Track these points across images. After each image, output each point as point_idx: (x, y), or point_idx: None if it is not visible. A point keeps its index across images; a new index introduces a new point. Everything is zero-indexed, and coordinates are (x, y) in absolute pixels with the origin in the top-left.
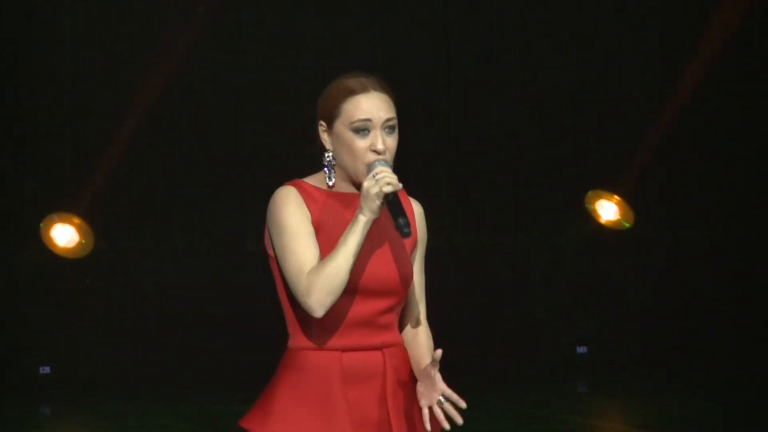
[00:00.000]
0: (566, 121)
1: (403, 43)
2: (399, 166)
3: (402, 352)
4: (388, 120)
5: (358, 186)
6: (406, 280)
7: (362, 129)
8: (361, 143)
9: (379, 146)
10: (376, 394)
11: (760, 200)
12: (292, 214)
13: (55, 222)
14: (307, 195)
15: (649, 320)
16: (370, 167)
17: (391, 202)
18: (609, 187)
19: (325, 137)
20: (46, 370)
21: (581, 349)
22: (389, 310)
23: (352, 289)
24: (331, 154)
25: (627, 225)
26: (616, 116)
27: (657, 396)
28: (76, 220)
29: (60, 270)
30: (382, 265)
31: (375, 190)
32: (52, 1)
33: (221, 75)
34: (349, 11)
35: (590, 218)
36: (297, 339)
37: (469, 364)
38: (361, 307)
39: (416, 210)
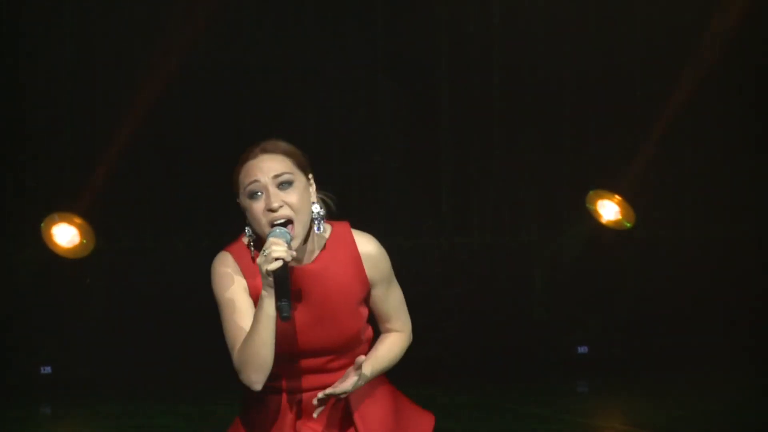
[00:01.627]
0: (567, 120)
1: (403, 42)
2: (399, 166)
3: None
4: (276, 176)
5: None
6: (350, 337)
7: (254, 192)
8: (257, 206)
9: (273, 204)
10: (338, 411)
11: (761, 200)
12: (225, 288)
13: (55, 222)
14: (242, 260)
15: (649, 320)
16: (269, 233)
17: (277, 279)
18: (610, 186)
19: (242, 209)
20: (47, 370)
21: (582, 349)
22: (340, 357)
23: (289, 355)
24: (248, 228)
25: (628, 225)
26: (618, 116)
27: (658, 396)
28: (77, 220)
29: (61, 270)
30: (321, 330)
31: (265, 266)
32: (53, 1)
33: (222, 74)
34: (350, 11)
35: (591, 218)
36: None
37: (469, 363)
38: (308, 362)
39: (365, 249)
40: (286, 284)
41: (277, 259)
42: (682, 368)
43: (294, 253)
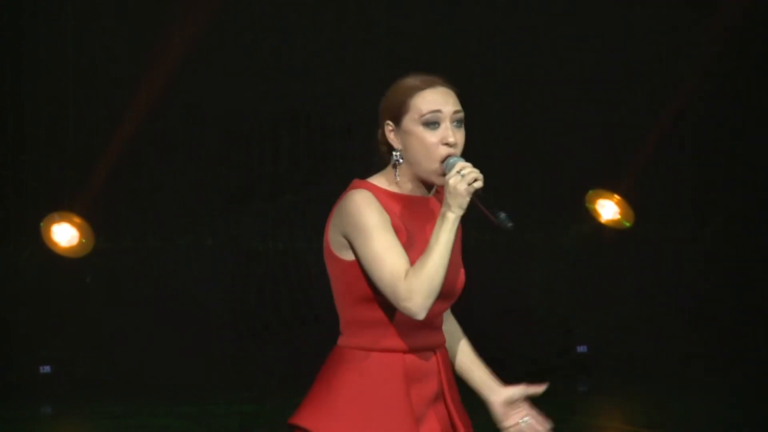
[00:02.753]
0: (566, 120)
1: (406, 41)
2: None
3: (446, 351)
4: (456, 112)
5: (426, 185)
6: (462, 285)
7: (432, 122)
8: (432, 137)
9: (451, 139)
10: (433, 393)
11: (760, 199)
12: (375, 218)
13: (55, 221)
14: (380, 198)
15: (649, 319)
16: (446, 164)
17: (481, 197)
18: (609, 186)
19: (392, 137)
20: (47, 369)
21: (582, 348)
22: (443, 311)
23: None
24: (398, 153)
25: (627, 224)
26: (617, 115)
27: (658, 395)
28: (77, 220)
29: (60, 269)
30: (450, 270)
31: (463, 186)
32: (53, 1)
33: (223, 73)
34: (352, 10)
35: (590, 217)
36: (356, 338)
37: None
38: (430, 309)
39: None
40: (492, 200)
41: (476, 179)
42: (681, 367)
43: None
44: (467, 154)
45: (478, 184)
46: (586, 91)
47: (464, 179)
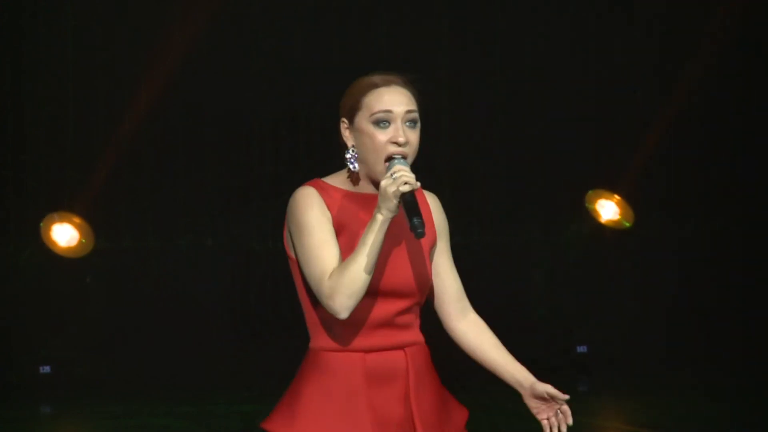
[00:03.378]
0: (566, 120)
1: (404, 43)
2: None
3: (423, 350)
4: (408, 112)
5: (376, 184)
6: (424, 280)
7: (383, 120)
8: (381, 135)
9: (400, 138)
10: (398, 394)
11: (761, 199)
12: (312, 216)
13: (55, 221)
14: (327, 195)
15: (648, 319)
16: (388, 165)
17: (407, 201)
18: (609, 186)
19: (347, 134)
20: (46, 369)
21: (581, 348)
22: (407, 310)
23: (370, 291)
24: (352, 149)
25: (627, 224)
26: (617, 115)
27: (658, 395)
28: (77, 220)
29: (60, 269)
30: (399, 267)
31: (392, 189)
32: (53, 1)
33: (223, 73)
34: (351, 11)
35: (590, 218)
36: (319, 340)
37: (468, 363)
38: (381, 309)
39: (432, 203)
40: (416, 206)
41: (406, 183)
42: (681, 367)
43: (419, 184)
44: (467, 153)
45: (406, 188)
46: (586, 91)
47: (395, 182)
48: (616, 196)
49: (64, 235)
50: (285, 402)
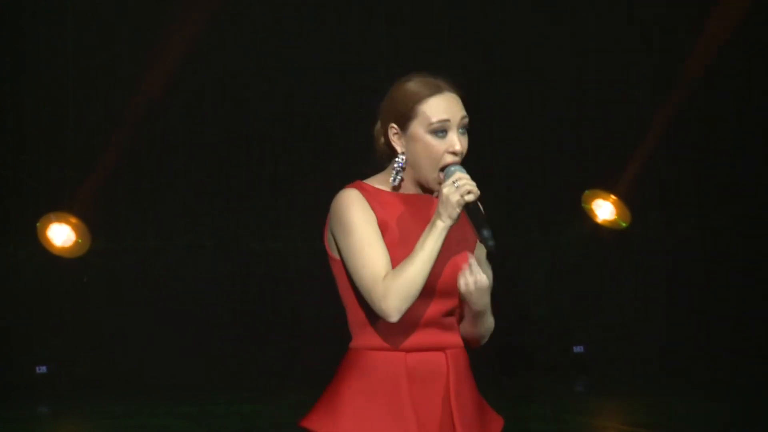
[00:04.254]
0: (563, 121)
1: (402, 43)
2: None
3: (463, 354)
4: (463, 119)
5: (423, 188)
6: None
7: (441, 130)
8: (439, 145)
9: (457, 147)
10: (438, 395)
11: (757, 199)
12: (359, 217)
13: (51, 221)
14: (371, 196)
15: (645, 319)
16: (446, 172)
17: (471, 210)
18: (606, 186)
19: (395, 140)
20: (43, 369)
21: (578, 349)
22: (451, 311)
23: (425, 291)
24: (403, 157)
25: (623, 224)
26: (613, 116)
27: (654, 395)
28: (73, 220)
29: (56, 269)
30: (447, 267)
31: (455, 198)
32: (53, 1)
33: (222, 73)
34: (350, 11)
35: (587, 218)
36: (361, 339)
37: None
38: (427, 308)
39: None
40: (483, 216)
41: (470, 192)
42: (677, 367)
43: (479, 192)
44: (469, 154)
45: (470, 197)
46: (583, 91)
47: (458, 190)
48: (613, 197)
49: (61, 235)
50: (325, 400)
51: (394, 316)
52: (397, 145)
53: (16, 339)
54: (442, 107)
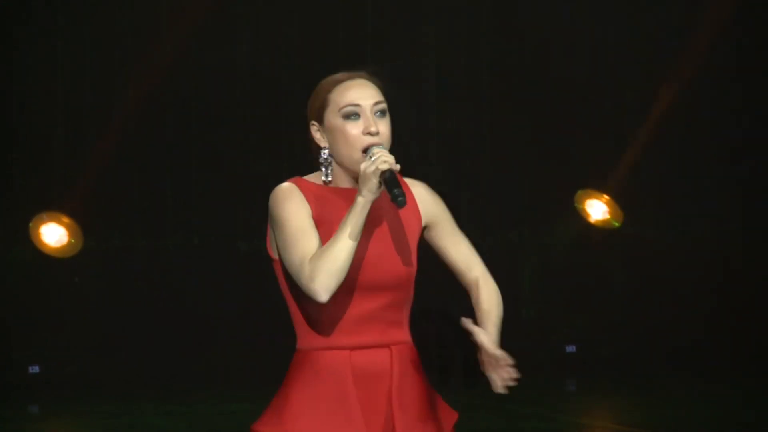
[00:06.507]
0: (556, 120)
1: (394, 42)
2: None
3: (410, 350)
4: (376, 103)
5: (356, 179)
6: (410, 273)
7: (352, 114)
8: (353, 128)
9: (372, 128)
10: (383, 393)
11: (749, 199)
12: (292, 209)
13: (44, 221)
14: (307, 190)
15: (637, 319)
16: (368, 153)
17: (387, 179)
18: (598, 186)
19: (318, 136)
20: (35, 369)
21: (570, 348)
22: (395, 305)
23: (356, 284)
24: (327, 150)
25: (616, 224)
26: (606, 116)
27: (646, 395)
28: (66, 220)
29: (49, 269)
30: (385, 259)
31: (371, 168)
32: (45, 1)
33: (213, 73)
34: (341, 11)
35: (579, 217)
36: (305, 340)
37: (458, 362)
38: (367, 303)
39: (420, 191)
40: (396, 181)
41: (385, 162)
42: (668, 367)
43: (398, 166)
44: (457, 153)
45: (384, 166)
46: (575, 91)
47: (374, 163)
48: (605, 196)
49: (53, 235)
50: (274, 404)
51: (322, 295)
52: (320, 141)
53: (9, 339)
54: (351, 92)
